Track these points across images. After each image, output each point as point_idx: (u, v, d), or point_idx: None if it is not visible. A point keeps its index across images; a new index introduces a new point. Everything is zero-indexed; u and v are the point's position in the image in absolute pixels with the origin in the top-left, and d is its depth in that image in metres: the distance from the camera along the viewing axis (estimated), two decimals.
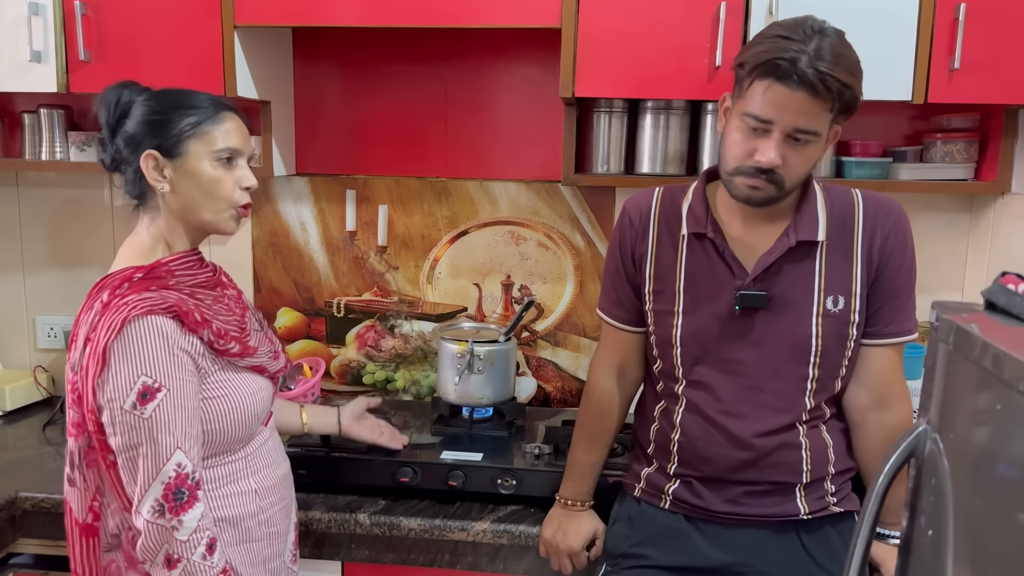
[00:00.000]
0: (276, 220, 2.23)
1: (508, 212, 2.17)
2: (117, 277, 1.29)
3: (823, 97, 1.23)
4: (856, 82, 1.26)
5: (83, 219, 2.28)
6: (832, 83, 1.22)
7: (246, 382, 1.36)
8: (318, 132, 2.19)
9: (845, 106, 1.27)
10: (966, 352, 0.76)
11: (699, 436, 1.42)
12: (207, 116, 1.32)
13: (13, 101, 2.22)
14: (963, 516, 0.79)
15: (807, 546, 1.43)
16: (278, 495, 1.43)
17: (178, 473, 1.22)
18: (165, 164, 1.30)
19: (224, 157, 1.32)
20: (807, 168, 1.31)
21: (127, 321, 1.22)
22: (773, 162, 1.26)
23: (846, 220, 1.39)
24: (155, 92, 1.34)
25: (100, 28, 1.85)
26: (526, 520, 1.65)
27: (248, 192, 1.36)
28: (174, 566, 1.22)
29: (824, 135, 1.29)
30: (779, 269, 1.37)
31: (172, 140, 1.30)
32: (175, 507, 1.22)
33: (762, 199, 1.32)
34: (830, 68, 1.21)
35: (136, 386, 1.21)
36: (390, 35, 2.10)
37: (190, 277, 1.35)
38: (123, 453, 1.23)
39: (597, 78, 1.76)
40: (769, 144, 1.26)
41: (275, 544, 1.42)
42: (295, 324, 2.27)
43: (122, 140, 1.32)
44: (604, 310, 1.55)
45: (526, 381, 2.23)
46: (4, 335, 2.36)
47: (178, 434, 1.23)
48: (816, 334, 1.38)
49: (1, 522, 1.67)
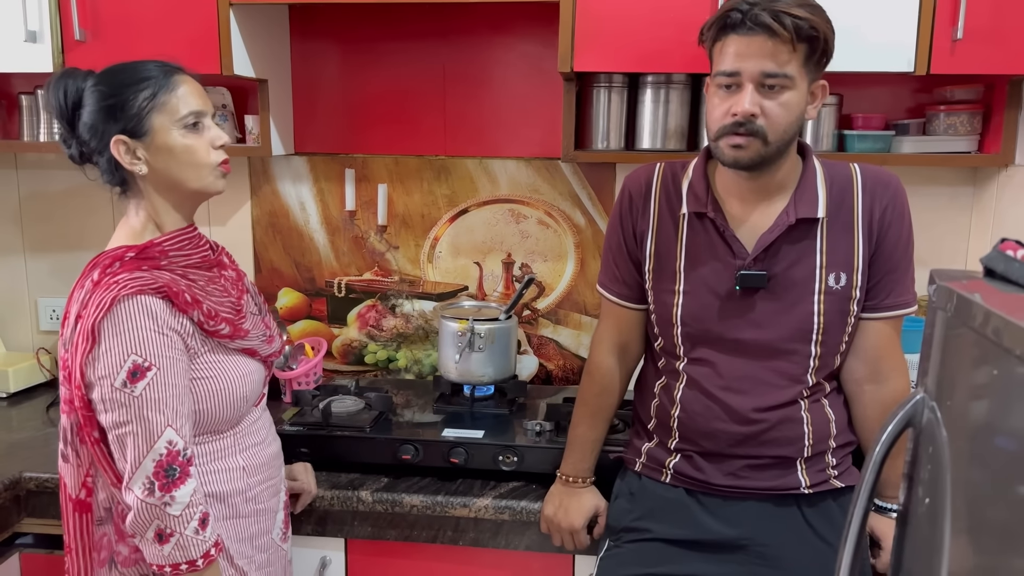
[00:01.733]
0: (275, 200, 2.22)
1: (508, 190, 2.16)
2: (109, 256, 1.29)
3: (782, 36, 1.23)
4: (816, 18, 1.25)
5: (83, 200, 2.28)
6: (787, 19, 1.22)
7: (236, 364, 1.36)
8: (316, 111, 2.18)
9: (811, 45, 1.26)
10: (964, 319, 0.76)
11: (699, 412, 1.42)
12: (160, 85, 1.28)
13: (11, 82, 2.21)
14: (961, 487, 0.79)
15: (809, 519, 1.43)
16: (267, 473, 1.44)
17: (169, 450, 1.23)
18: (136, 146, 1.28)
19: (190, 123, 1.30)
20: (789, 118, 1.28)
21: (116, 300, 1.22)
22: (747, 110, 1.26)
23: (845, 196, 1.38)
24: (101, 74, 1.30)
25: (95, 7, 1.84)
26: (527, 496, 1.65)
27: (223, 149, 1.34)
28: (166, 540, 1.23)
29: (797, 79, 1.27)
30: (780, 248, 1.37)
31: (134, 120, 1.27)
32: (166, 484, 1.22)
33: (750, 159, 1.30)
34: (784, 7, 1.23)
35: (126, 364, 1.21)
36: (387, 12, 2.08)
37: (183, 257, 1.34)
38: (113, 430, 1.24)
39: (596, 52, 1.75)
40: (742, 96, 1.27)
41: (263, 521, 1.43)
42: (296, 304, 2.27)
43: (85, 132, 1.29)
44: (605, 287, 1.54)
45: (528, 359, 2.23)
46: (6, 317, 2.37)
47: (168, 412, 1.24)
48: (818, 311, 1.37)
49: (6, 502, 1.68)
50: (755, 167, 1.32)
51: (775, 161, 1.33)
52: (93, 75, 1.31)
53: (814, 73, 1.29)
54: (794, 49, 1.25)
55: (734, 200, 1.40)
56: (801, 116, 1.31)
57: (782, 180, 1.37)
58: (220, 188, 1.36)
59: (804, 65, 1.27)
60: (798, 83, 1.27)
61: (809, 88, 1.30)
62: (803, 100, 1.29)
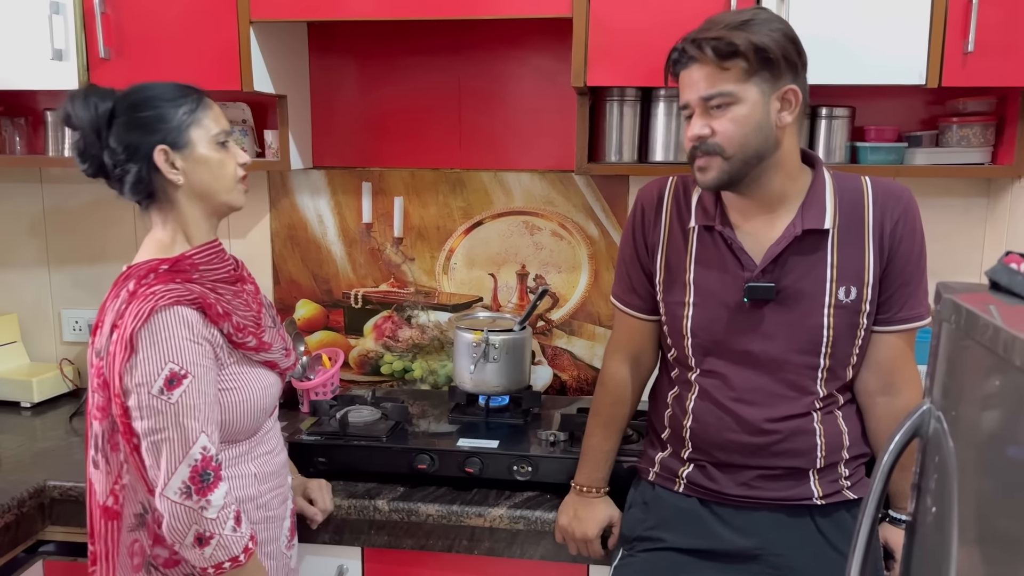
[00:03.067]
0: (294, 213, 2.26)
1: (522, 202, 2.18)
2: (143, 267, 1.33)
3: (705, 60, 1.29)
4: (732, 32, 1.28)
5: (106, 214, 2.32)
6: (705, 45, 1.29)
7: (258, 376, 1.40)
8: (334, 125, 2.22)
9: (746, 59, 1.27)
10: (970, 331, 0.77)
11: (711, 422, 1.43)
12: (196, 104, 1.36)
13: (36, 99, 2.26)
14: (970, 497, 0.80)
15: (822, 529, 1.43)
16: (276, 481, 1.47)
17: (203, 456, 1.26)
18: (175, 156, 1.33)
19: (220, 140, 1.37)
20: (742, 130, 1.30)
21: (155, 310, 1.26)
22: (695, 134, 1.33)
23: (856, 208, 1.38)
24: (131, 91, 1.35)
25: (119, 26, 1.89)
26: (542, 506, 1.66)
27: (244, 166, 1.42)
28: (207, 543, 1.26)
29: (739, 93, 1.29)
30: (788, 260, 1.37)
31: (175, 132, 1.33)
32: (201, 488, 1.26)
33: (716, 177, 1.33)
34: (698, 33, 1.31)
35: (164, 372, 1.25)
36: (403, 28, 2.12)
37: (212, 271, 1.38)
38: (148, 436, 1.27)
39: (609, 67, 1.77)
40: (692, 123, 1.34)
41: (271, 528, 1.45)
42: (314, 315, 2.31)
43: (118, 143, 1.32)
44: (618, 298, 1.56)
45: (542, 370, 2.24)
46: (31, 329, 2.41)
47: (202, 419, 1.27)
48: (828, 325, 1.38)
49: (31, 510, 1.72)
50: (729, 185, 1.35)
51: (749, 174, 1.34)
52: (117, 92, 1.35)
53: (772, 82, 1.29)
54: (724, 68, 1.28)
55: (743, 212, 1.41)
56: (762, 126, 1.31)
57: (782, 192, 1.38)
58: (242, 203, 1.42)
59: (748, 79, 1.29)
60: (744, 97, 1.29)
61: (771, 97, 1.30)
62: (759, 111, 1.30)
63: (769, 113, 1.31)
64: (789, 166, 1.37)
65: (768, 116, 1.31)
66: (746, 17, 1.30)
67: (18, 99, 2.24)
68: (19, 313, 2.39)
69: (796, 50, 1.31)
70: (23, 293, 2.40)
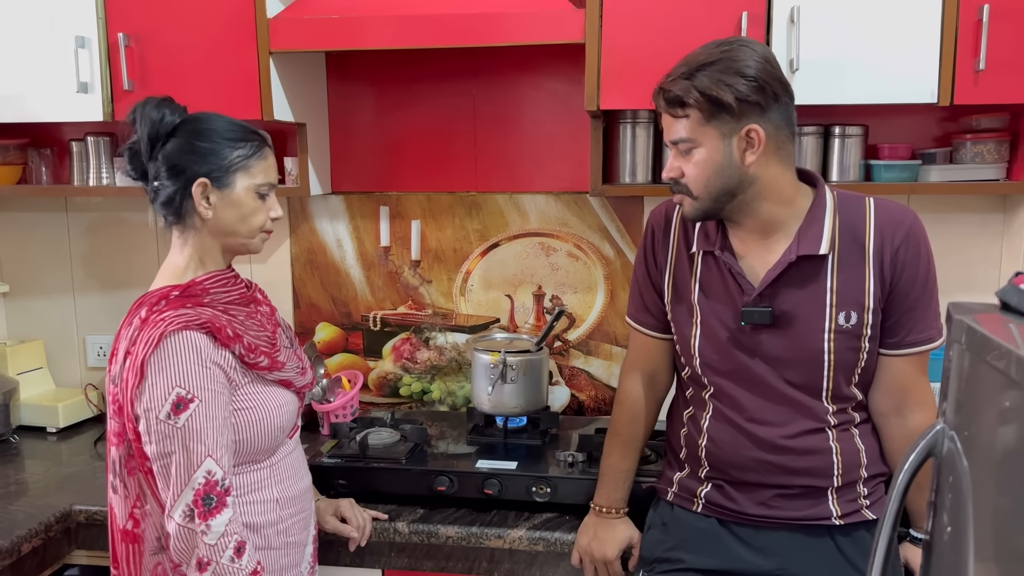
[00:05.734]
0: (313, 238, 2.29)
1: (538, 224, 2.20)
2: (155, 295, 1.36)
3: (669, 109, 1.34)
4: (680, 82, 1.31)
5: (128, 241, 2.37)
6: (661, 95, 1.35)
7: (273, 396, 1.42)
8: (352, 151, 2.25)
9: (698, 107, 1.30)
10: (980, 352, 0.78)
11: (727, 441, 1.44)
12: (254, 150, 1.39)
13: (62, 130, 2.32)
14: (987, 515, 0.80)
15: (843, 549, 1.43)
16: (298, 506, 1.48)
17: (207, 480, 1.28)
18: (212, 191, 1.36)
19: (262, 192, 1.40)
20: (705, 172, 1.34)
21: (164, 336, 1.28)
22: (666, 175, 1.39)
23: (856, 232, 1.37)
24: (200, 117, 1.39)
25: (142, 58, 1.94)
26: (561, 527, 1.67)
27: (275, 221, 1.45)
28: (204, 569, 1.28)
29: (699, 138, 1.32)
30: (787, 285, 1.38)
31: (222, 171, 1.36)
32: (204, 512, 1.27)
33: (691, 214, 1.39)
34: (663, 81, 1.36)
35: (170, 397, 1.27)
36: (419, 55, 2.15)
37: (224, 294, 1.41)
38: (157, 460, 1.29)
39: (621, 90, 1.79)
40: (667, 163, 1.40)
41: (293, 554, 1.47)
42: (333, 338, 2.33)
43: (164, 162, 1.37)
44: (633, 317, 1.58)
45: (560, 390, 2.26)
46: (56, 355, 2.46)
47: (209, 443, 1.29)
48: (828, 350, 1.38)
49: (57, 534, 1.74)
50: (706, 217, 1.40)
51: (725, 208, 1.37)
52: (185, 113, 1.40)
53: (732, 123, 1.30)
54: (682, 115, 1.33)
55: (744, 237, 1.42)
56: (725, 167, 1.32)
57: (774, 219, 1.38)
58: (259, 250, 1.46)
59: (705, 124, 1.31)
60: (704, 141, 1.32)
61: (733, 138, 1.31)
62: (719, 154, 1.32)
63: (731, 154, 1.32)
64: (778, 195, 1.36)
65: (731, 157, 1.32)
66: (709, 59, 1.31)
67: (45, 131, 2.30)
68: (45, 339, 2.44)
69: (759, 88, 1.29)
70: (49, 319, 2.45)
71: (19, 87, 1.99)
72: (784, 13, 1.72)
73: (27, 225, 2.42)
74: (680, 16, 1.75)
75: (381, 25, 1.82)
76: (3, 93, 2.00)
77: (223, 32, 1.90)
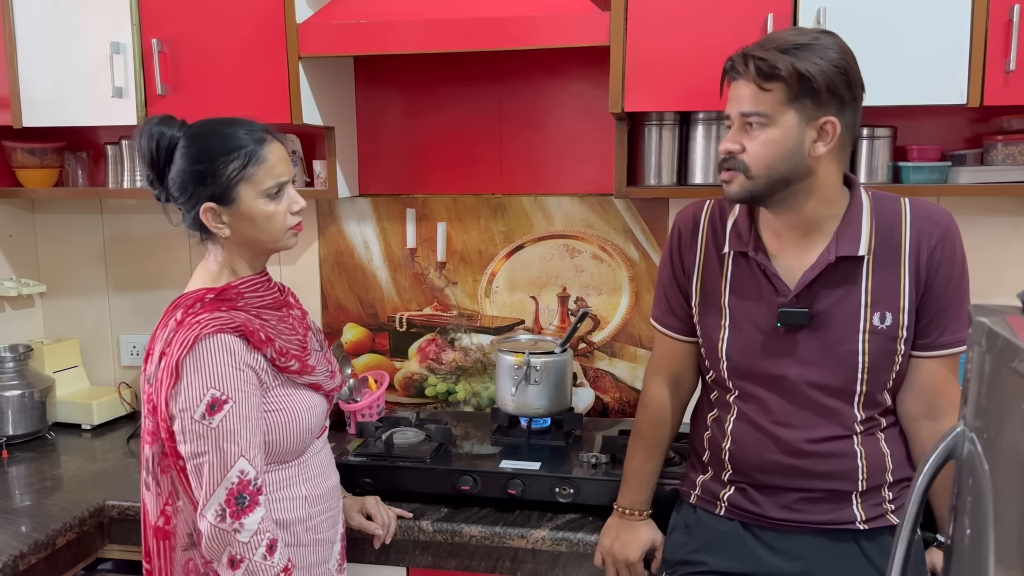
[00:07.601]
0: (341, 239, 2.32)
1: (563, 226, 2.21)
2: (191, 297, 1.39)
3: (750, 77, 1.30)
4: (779, 55, 1.27)
5: (162, 242, 2.42)
6: (751, 63, 1.29)
7: (303, 398, 1.44)
8: (379, 154, 2.28)
9: (788, 84, 1.27)
10: (1001, 355, 0.77)
11: (750, 444, 1.43)
12: (250, 157, 1.35)
13: (97, 134, 2.37)
14: (1008, 518, 0.79)
15: (868, 554, 1.42)
16: (326, 504, 1.50)
17: (241, 479, 1.30)
18: (222, 211, 1.37)
19: (271, 193, 1.38)
20: (771, 153, 1.31)
21: (199, 339, 1.31)
22: (724, 147, 1.35)
23: (893, 233, 1.37)
24: (193, 135, 1.37)
25: (175, 64, 1.98)
26: (584, 528, 1.68)
27: (299, 212, 1.42)
28: (237, 566, 1.30)
29: (775, 116, 1.29)
30: (823, 285, 1.37)
31: (222, 188, 1.35)
32: (236, 511, 1.30)
33: (737, 193, 1.35)
34: (752, 48, 1.31)
35: (205, 398, 1.30)
36: (446, 59, 2.17)
37: (257, 299, 1.43)
38: (191, 460, 1.32)
39: (646, 93, 1.80)
40: (727, 136, 1.36)
41: (321, 551, 1.49)
42: (360, 339, 2.36)
43: (174, 188, 1.38)
44: (657, 320, 1.58)
45: (584, 392, 2.26)
46: (91, 353, 2.51)
47: (242, 443, 1.31)
48: (863, 351, 1.37)
49: (91, 529, 1.78)
50: (751, 201, 1.36)
51: (774, 195, 1.34)
52: (185, 128, 1.38)
53: (812, 111, 1.29)
54: (765, 89, 1.29)
55: (778, 237, 1.41)
56: (793, 153, 1.31)
57: (816, 218, 1.37)
58: (291, 246, 1.45)
59: (788, 103, 1.29)
60: (780, 120, 1.29)
61: (808, 126, 1.30)
62: (792, 137, 1.30)
63: (803, 141, 1.31)
64: (826, 193, 1.36)
65: (801, 144, 1.31)
66: (802, 40, 1.29)
67: (81, 134, 2.36)
68: (80, 338, 2.49)
69: (847, 82, 1.29)
70: (84, 319, 2.50)
71: (56, 92, 2.05)
72: (810, 14, 1.71)
73: (63, 227, 2.47)
74: (705, 18, 1.75)
75: (408, 29, 1.84)
76: (41, 98, 2.06)
77: (253, 38, 1.93)
